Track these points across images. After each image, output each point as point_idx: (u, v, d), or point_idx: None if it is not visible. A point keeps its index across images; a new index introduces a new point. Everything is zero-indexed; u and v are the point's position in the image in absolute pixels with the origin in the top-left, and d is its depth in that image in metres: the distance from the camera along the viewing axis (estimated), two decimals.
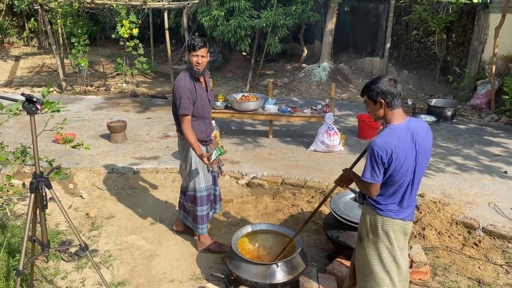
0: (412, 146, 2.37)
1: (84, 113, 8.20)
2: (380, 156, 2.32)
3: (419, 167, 2.43)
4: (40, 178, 2.61)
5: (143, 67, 9.66)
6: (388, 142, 2.32)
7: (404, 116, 2.44)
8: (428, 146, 2.46)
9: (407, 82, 10.18)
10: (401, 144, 2.33)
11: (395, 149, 2.32)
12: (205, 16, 10.43)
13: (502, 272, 3.56)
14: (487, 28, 8.05)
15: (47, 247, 2.79)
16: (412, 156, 2.38)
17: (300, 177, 5.20)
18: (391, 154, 2.32)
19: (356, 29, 11.62)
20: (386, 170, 2.38)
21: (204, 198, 3.68)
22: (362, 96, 2.51)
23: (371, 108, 2.47)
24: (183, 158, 3.71)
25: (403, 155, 2.34)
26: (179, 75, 3.51)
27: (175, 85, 3.45)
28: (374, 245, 2.56)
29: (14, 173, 5.12)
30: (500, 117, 7.61)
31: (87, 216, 4.44)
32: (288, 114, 6.37)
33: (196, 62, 3.39)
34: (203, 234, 3.80)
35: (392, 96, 2.37)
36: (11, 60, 13.32)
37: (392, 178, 2.40)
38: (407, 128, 2.39)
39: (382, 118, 2.44)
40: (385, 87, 2.37)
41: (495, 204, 4.50)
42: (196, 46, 3.35)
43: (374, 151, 2.33)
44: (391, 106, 2.39)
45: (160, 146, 6.36)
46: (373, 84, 2.41)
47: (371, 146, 2.35)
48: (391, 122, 2.41)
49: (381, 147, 2.31)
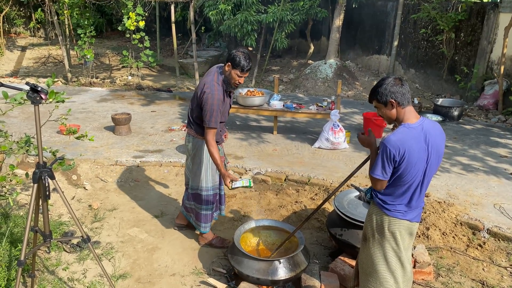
0: (425, 147, 2.34)
1: (89, 104, 8.19)
2: (392, 155, 2.29)
3: (430, 168, 2.40)
4: (44, 168, 2.59)
5: (148, 60, 9.63)
6: (402, 142, 2.29)
7: (417, 116, 2.40)
8: (441, 148, 2.42)
9: (413, 81, 10.10)
10: (414, 144, 2.30)
11: (408, 149, 2.28)
12: (212, 10, 10.38)
13: (506, 274, 3.53)
14: (497, 28, 7.96)
15: (49, 237, 2.79)
16: (424, 158, 2.35)
17: (304, 174, 5.17)
18: (403, 154, 2.29)
19: (363, 27, 11.53)
20: (396, 170, 2.35)
21: (210, 197, 3.62)
22: (371, 102, 2.49)
23: (383, 112, 2.43)
24: (191, 156, 3.60)
25: (415, 156, 2.30)
26: (211, 77, 3.32)
27: (207, 91, 3.25)
28: (380, 245, 2.53)
29: (18, 163, 5.12)
30: (507, 118, 7.53)
31: (90, 208, 4.44)
32: (293, 110, 6.33)
33: (238, 81, 3.32)
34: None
35: (400, 94, 2.35)
36: (18, 50, 13.33)
37: (402, 178, 2.36)
38: (421, 128, 2.35)
39: (396, 119, 2.41)
40: (391, 87, 2.35)
41: (500, 205, 4.46)
42: (245, 68, 3.25)
43: (387, 148, 2.30)
44: (402, 104, 2.36)
45: (164, 139, 6.34)
46: (379, 87, 2.39)
47: (385, 144, 2.31)
48: (405, 121, 2.37)
49: (395, 146, 2.28)
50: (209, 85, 3.29)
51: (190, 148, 3.61)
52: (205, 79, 3.37)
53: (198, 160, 3.55)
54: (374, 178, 2.41)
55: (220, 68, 3.40)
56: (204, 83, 3.33)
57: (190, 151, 3.61)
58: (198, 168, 3.56)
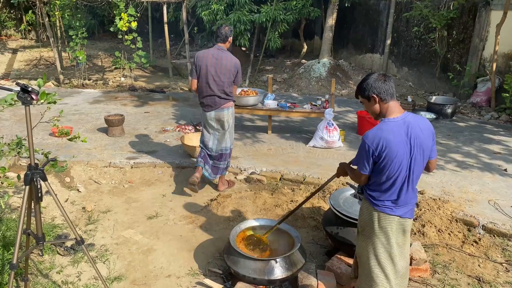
0: (406, 140, 2.35)
1: (82, 106, 8.13)
2: (370, 149, 2.35)
3: (415, 163, 2.40)
4: (35, 170, 2.55)
5: (141, 61, 9.58)
6: (379, 135, 2.34)
7: (401, 111, 2.44)
8: (426, 142, 2.42)
9: (407, 79, 10.14)
10: (393, 138, 2.33)
11: (386, 143, 2.31)
12: (204, 10, 10.35)
13: (502, 270, 3.54)
14: (488, 26, 8.01)
15: (42, 240, 2.74)
16: (407, 151, 2.35)
17: (299, 173, 5.16)
18: (381, 147, 2.32)
19: (356, 25, 11.56)
20: (377, 164, 2.38)
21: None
22: (357, 97, 2.55)
23: (367, 107, 2.50)
24: (229, 124, 4.60)
25: (395, 149, 2.32)
26: (229, 54, 4.43)
27: (235, 60, 4.43)
28: (370, 240, 2.55)
29: (10, 166, 5.06)
30: (500, 115, 7.58)
31: (84, 210, 4.39)
32: (287, 109, 6.32)
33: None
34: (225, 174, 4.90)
35: (383, 90, 2.39)
36: (8, 53, 13.22)
37: (384, 172, 2.38)
38: (403, 122, 2.38)
39: (379, 114, 2.45)
40: (374, 83, 2.40)
41: (495, 202, 4.47)
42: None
43: (365, 143, 2.37)
44: (385, 99, 2.40)
45: (158, 140, 6.30)
46: (363, 83, 2.46)
47: (363, 139, 2.40)
48: (386, 116, 2.42)
49: (371, 140, 2.34)
50: (233, 56, 4.45)
51: (228, 118, 4.56)
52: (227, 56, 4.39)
53: (232, 124, 4.67)
54: (355, 172, 2.54)
55: (220, 47, 4.42)
56: (231, 59, 4.40)
57: (228, 120, 4.58)
58: (232, 131, 4.70)
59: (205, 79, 4.40)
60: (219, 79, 4.38)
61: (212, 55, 4.38)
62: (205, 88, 4.44)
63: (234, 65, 4.41)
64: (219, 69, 4.36)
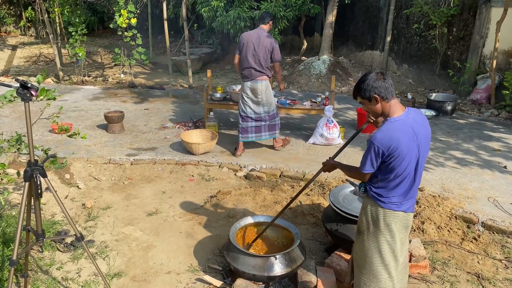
0: (414, 137, 2.35)
1: (81, 103, 8.12)
2: (380, 151, 2.31)
3: (422, 157, 2.41)
4: (35, 166, 2.55)
5: (141, 57, 9.56)
6: (389, 138, 2.30)
7: (403, 108, 2.42)
8: (428, 135, 2.44)
9: (407, 76, 10.13)
10: (402, 137, 2.31)
11: (397, 144, 2.29)
12: (204, 6, 10.30)
13: (501, 267, 3.55)
14: (489, 23, 7.99)
15: (41, 237, 2.75)
16: (415, 148, 2.35)
17: (298, 170, 5.16)
18: (392, 149, 2.29)
19: (356, 22, 11.53)
20: (386, 163, 2.36)
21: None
22: (355, 98, 2.50)
23: (368, 107, 2.45)
24: (268, 94, 5.42)
25: (406, 148, 2.31)
26: (268, 34, 5.25)
27: (272, 39, 5.24)
28: (375, 237, 2.53)
29: (9, 162, 5.05)
30: (500, 112, 7.57)
31: (84, 207, 4.39)
32: (287, 106, 6.32)
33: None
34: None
35: (384, 89, 2.35)
36: (8, 49, 13.19)
37: (394, 172, 2.37)
38: (408, 119, 2.36)
39: (382, 114, 2.42)
40: (374, 82, 2.36)
41: (494, 198, 4.48)
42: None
43: (375, 146, 2.32)
44: (387, 99, 2.37)
45: (158, 137, 6.30)
46: (362, 83, 2.40)
47: (372, 141, 2.33)
48: (390, 115, 2.38)
49: (382, 143, 2.30)
50: (270, 36, 5.27)
51: (262, 89, 5.35)
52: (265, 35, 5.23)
53: (268, 98, 5.47)
54: (363, 174, 2.47)
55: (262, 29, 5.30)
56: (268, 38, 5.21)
57: (262, 91, 5.37)
58: (269, 101, 5.49)
59: (245, 53, 5.24)
60: (256, 54, 5.19)
61: (254, 34, 5.26)
62: (245, 61, 5.28)
63: (270, 43, 5.21)
64: (257, 46, 5.18)
